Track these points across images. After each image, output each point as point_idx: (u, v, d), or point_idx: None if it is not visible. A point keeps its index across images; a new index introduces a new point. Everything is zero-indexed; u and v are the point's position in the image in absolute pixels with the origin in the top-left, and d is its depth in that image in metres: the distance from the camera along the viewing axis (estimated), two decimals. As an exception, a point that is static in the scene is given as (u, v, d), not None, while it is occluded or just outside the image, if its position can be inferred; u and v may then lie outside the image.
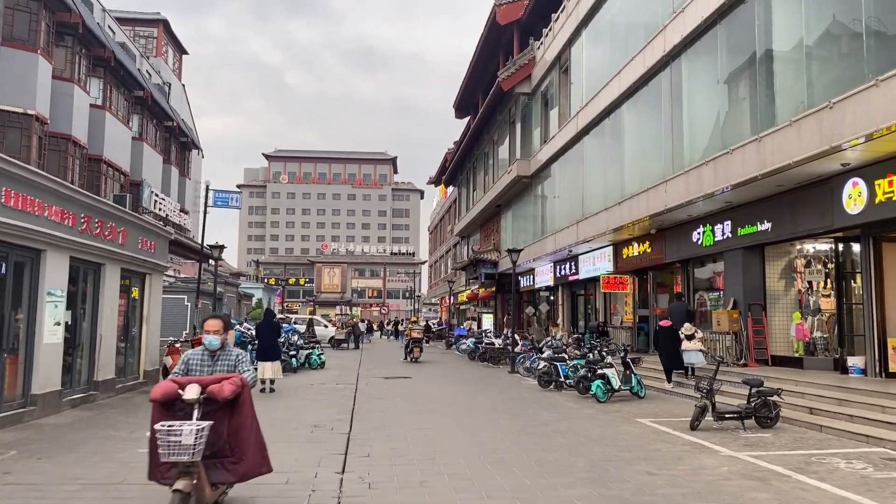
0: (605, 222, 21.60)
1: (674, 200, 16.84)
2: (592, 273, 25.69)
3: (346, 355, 29.64)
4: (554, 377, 15.12)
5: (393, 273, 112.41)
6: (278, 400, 13.39)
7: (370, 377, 18.92)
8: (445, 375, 19.62)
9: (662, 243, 20.35)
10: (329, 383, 16.83)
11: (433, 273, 74.51)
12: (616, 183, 21.69)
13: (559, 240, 26.62)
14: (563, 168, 27.45)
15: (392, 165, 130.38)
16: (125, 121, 37.48)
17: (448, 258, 59.28)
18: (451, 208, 58.46)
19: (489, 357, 23.83)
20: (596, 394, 12.99)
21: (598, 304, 27.23)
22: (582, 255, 26.47)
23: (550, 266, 30.83)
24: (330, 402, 13.13)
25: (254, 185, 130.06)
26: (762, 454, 8.15)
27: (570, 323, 30.17)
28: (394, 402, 13.19)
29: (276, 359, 14.70)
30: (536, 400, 13.63)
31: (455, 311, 55.76)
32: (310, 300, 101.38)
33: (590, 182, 24.21)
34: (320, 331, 37.87)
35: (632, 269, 22.88)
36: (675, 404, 13.13)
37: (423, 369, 22.01)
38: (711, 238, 17.40)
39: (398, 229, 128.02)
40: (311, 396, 14.04)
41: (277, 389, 14.86)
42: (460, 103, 46.53)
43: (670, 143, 17.97)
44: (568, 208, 26.40)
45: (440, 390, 15.44)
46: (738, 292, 16.47)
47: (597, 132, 23.51)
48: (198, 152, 53.78)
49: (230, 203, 23.85)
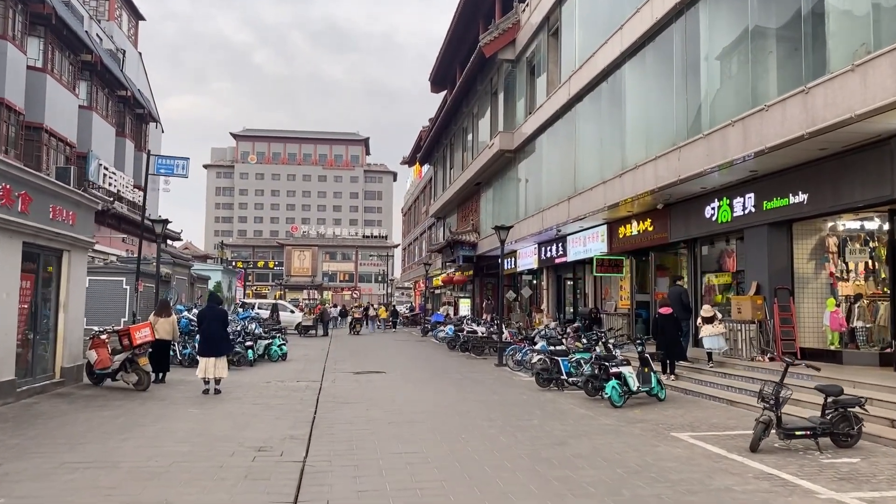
0: (603, 197, 19.33)
1: (690, 169, 14.57)
2: (583, 255, 23.47)
3: (314, 344, 27.13)
4: (554, 374, 12.83)
5: (365, 256, 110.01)
6: (221, 405, 10.90)
7: (338, 371, 16.50)
8: (425, 369, 17.25)
9: (667, 221, 18.16)
10: (289, 381, 14.36)
11: (407, 257, 72.05)
12: (615, 153, 19.41)
13: (547, 218, 24.32)
14: (551, 140, 25.10)
15: (364, 146, 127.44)
16: (70, 87, 34.19)
17: (423, 240, 56.83)
18: (426, 188, 55.93)
19: (472, 347, 21.52)
20: (611, 397, 10.74)
21: (587, 288, 25.08)
22: (571, 235, 24.23)
23: (534, 248, 28.57)
24: (286, 408, 10.68)
25: (221, 165, 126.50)
26: (874, 497, 5.93)
27: (555, 309, 27.99)
28: (365, 408, 10.79)
29: (221, 353, 12.19)
30: (538, 404, 11.33)
31: (430, 296, 53.42)
32: (279, 284, 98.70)
33: (584, 154, 21.91)
34: (286, 316, 35.30)
35: (629, 249, 20.70)
36: (704, 409, 10.94)
37: (399, 362, 19.62)
38: (729, 214, 15.20)
39: (371, 212, 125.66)
40: (264, 400, 11.57)
41: (225, 390, 12.36)
42: (436, 76, 43.82)
43: (684, 105, 15.70)
44: (557, 184, 24.09)
45: (420, 390, 13.07)
46: (761, 275, 14.35)
47: (592, 98, 21.17)
48: (156, 125, 50.44)
49: (175, 171, 21.09)
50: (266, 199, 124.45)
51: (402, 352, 23.38)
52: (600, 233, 22.12)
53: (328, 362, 19.06)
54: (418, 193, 61.31)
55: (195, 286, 23.89)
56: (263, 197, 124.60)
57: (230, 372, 13.31)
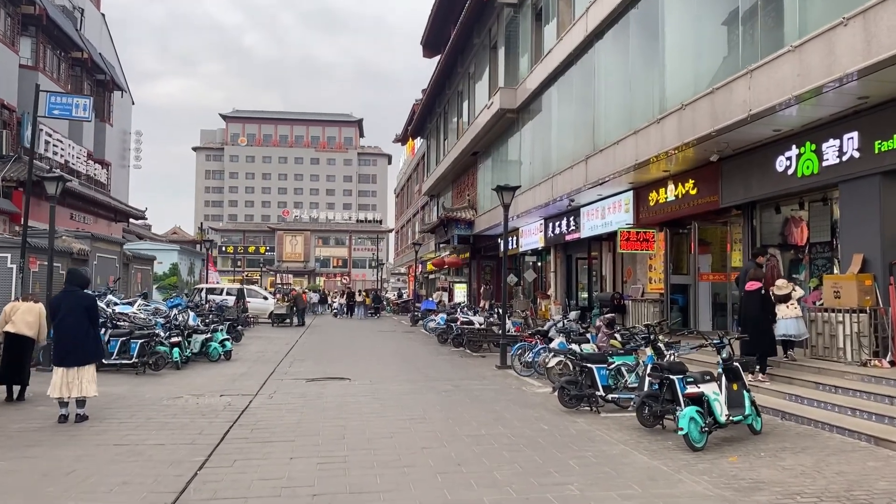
0: (634, 152, 15.17)
1: (768, 98, 10.40)
2: (601, 229, 19.38)
3: (282, 336, 23.05)
4: (586, 389, 8.72)
5: (359, 241, 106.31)
6: (65, 447, 6.82)
7: (289, 377, 12.42)
8: (403, 374, 13.14)
9: (717, 180, 14.09)
10: (209, 394, 10.26)
11: (400, 240, 67.94)
12: (650, 95, 15.27)
13: (557, 186, 20.17)
14: (563, 91, 20.91)
15: (358, 128, 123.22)
16: (8, 41, 29.83)
17: (416, 222, 52.68)
18: (418, 165, 51.67)
19: (466, 341, 17.40)
20: (688, 435, 6.63)
21: (604, 269, 21.03)
22: (587, 206, 20.12)
23: (540, 224, 24.45)
24: (161, 455, 6.60)
25: (210, 147, 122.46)
26: None
27: (564, 295, 23.91)
28: (289, 455, 6.67)
29: (85, 361, 8.10)
30: (569, 442, 7.21)
31: (423, 281, 49.35)
32: (271, 270, 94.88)
33: (606, 102, 17.74)
34: (258, 304, 31.23)
35: (662, 220, 16.64)
36: (832, 450, 6.86)
37: (373, 362, 15.53)
38: (815, 164, 11.08)
39: (365, 196, 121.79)
40: (140, 436, 7.47)
41: (101, 411, 8.31)
42: (429, 37, 39.40)
43: (753, 11, 11.53)
44: (570, 143, 19.95)
45: (389, 413, 8.94)
46: (868, 246, 10.30)
47: (617, 31, 16.99)
48: (122, 95, 46.00)
49: (74, 113, 16.87)
50: (257, 183, 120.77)
51: (383, 347, 19.28)
52: (624, 201, 18.03)
53: (283, 362, 14.98)
54: (411, 172, 57.08)
55: (131, 268, 19.75)
56: (254, 180, 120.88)
57: (130, 381, 9.30)
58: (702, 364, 11.21)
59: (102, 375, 12.06)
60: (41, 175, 12.65)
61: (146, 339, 12.54)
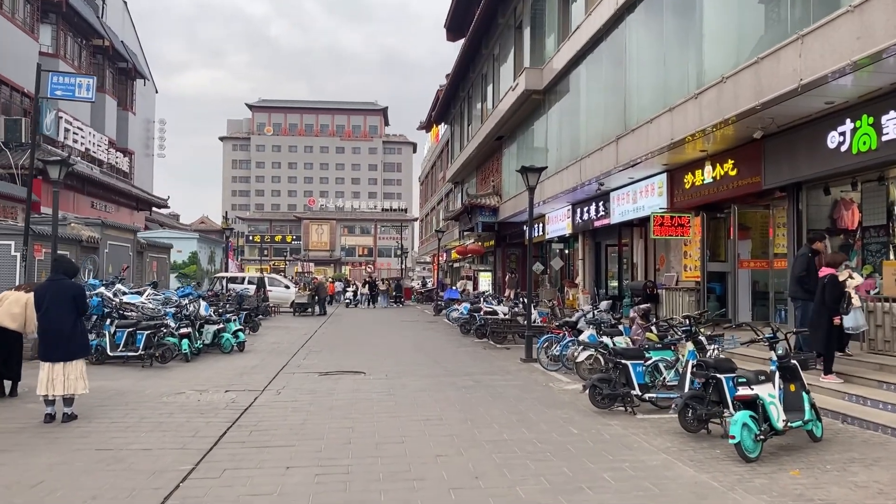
0: (669, 130, 14.17)
1: (823, 65, 9.38)
2: (632, 214, 18.40)
3: (301, 325, 22.49)
4: (620, 388, 7.86)
5: (384, 230, 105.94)
6: (40, 453, 6.19)
7: (301, 371, 11.75)
8: (422, 368, 12.38)
9: (759, 160, 13.08)
10: (214, 389, 9.61)
11: (425, 228, 67.21)
12: (686, 68, 14.27)
13: (586, 169, 19.20)
14: (592, 70, 19.90)
15: (383, 116, 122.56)
16: (27, 28, 29.53)
17: (440, 209, 51.87)
18: (443, 152, 50.78)
19: (490, 332, 16.59)
20: (741, 444, 5.76)
21: (635, 257, 20.04)
22: (617, 190, 19.14)
23: (567, 210, 23.49)
24: (144, 463, 5.92)
25: (237, 137, 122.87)
26: None
27: (593, 283, 22.96)
28: (286, 463, 5.95)
29: (71, 356, 7.46)
30: (603, 450, 6.37)
31: (448, 270, 48.62)
32: (297, 258, 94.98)
33: (638, 78, 16.73)
34: (280, 293, 30.74)
35: (698, 203, 15.66)
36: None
37: (391, 354, 14.82)
38: (873, 139, 10.02)
39: (390, 184, 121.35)
40: (127, 438, 6.82)
41: (88, 412, 7.67)
42: (453, 20, 38.39)
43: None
44: (600, 123, 18.97)
45: (403, 413, 8.17)
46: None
47: (649, 3, 15.96)
48: (144, 83, 45.76)
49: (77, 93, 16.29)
50: (283, 172, 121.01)
51: (403, 338, 18.55)
52: (657, 184, 17.04)
53: (298, 354, 14.33)
54: (435, 159, 56.22)
55: (146, 256, 19.24)
56: (280, 170, 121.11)
57: (135, 374, 8.69)
58: (745, 359, 10.28)
59: (107, 368, 11.57)
60: (43, 159, 12.08)
61: (153, 331, 11.95)
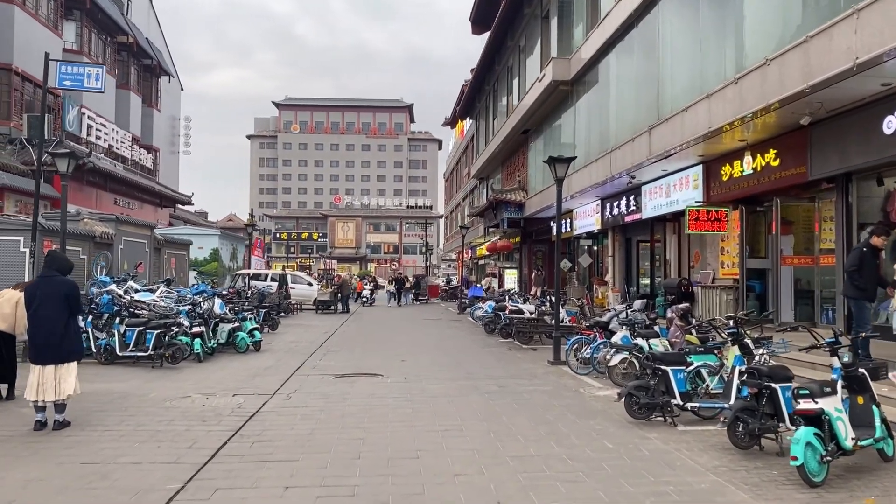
0: (706, 118, 13.32)
1: (887, 40, 8.51)
2: (665, 209, 17.54)
3: (322, 323, 21.99)
4: (659, 395, 7.12)
5: (410, 227, 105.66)
6: (20, 465, 5.67)
7: (316, 372, 11.19)
8: (443, 370, 11.72)
9: (805, 149, 12.20)
10: (222, 393, 9.06)
11: (450, 225, 66.59)
12: (725, 52, 13.42)
13: (616, 161, 18.38)
14: (622, 58, 19.06)
15: (408, 113, 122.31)
16: (52, 24, 29.46)
17: (465, 206, 51.18)
18: (467, 148, 50.07)
19: (515, 332, 15.87)
20: (806, 466, 5.01)
21: (668, 253, 19.16)
22: (649, 184, 18.29)
23: (596, 205, 22.66)
24: (139, 476, 5.38)
25: (264, 135, 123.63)
26: None
27: (623, 281, 22.12)
28: (284, 482, 5.35)
29: (63, 358, 6.94)
30: (643, 468, 5.62)
31: (473, 267, 47.93)
32: (323, 256, 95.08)
33: (672, 64, 15.89)
34: (303, 290, 30.33)
35: (737, 196, 14.79)
36: None
37: (412, 354, 14.19)
38: (936, 121, 9.14)
39: (415, 181, 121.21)
40: (119, 450, 6.25)
41: (83, 418, 7.17)
42: (478, 13, 37.62)
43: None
44: (632, 113, 18.14)
45: (420, 422, 7.50)
46: None
47: (685, -17, 15.11)
48: (169, 80, 45.74)
49: (85, 83, 15.87)
50: (309, 170, 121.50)
51: (425, 337, 17.92)
52: (692, 176, 16.17)
53: (316, 354, 13.78)
54: (460, 155, 55.53)
55: (163, 253, 18.85)
56: (307, 167, 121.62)
57: (143, 375, 8.17)
58: (794, 364, 9.44)
59: (116, 369, 11.12)
60: (52, 152, 11.66)
61: (163, 330, 11.47)
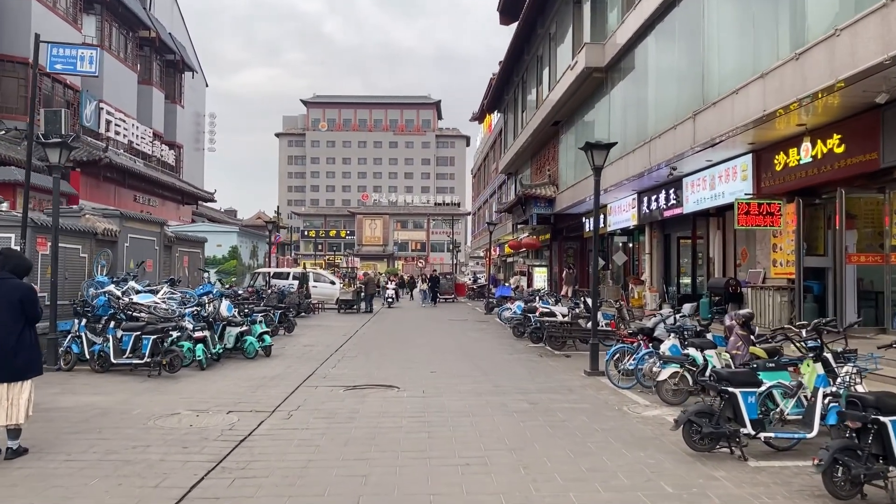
0: (760, 100, 11.94)
1: None
2: (710, 202, 16.16)
3: (343, 324, 20.99)
4: (725, 425, 5.86)
5: (437, 225, 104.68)
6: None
7: (326, 383, 10.12)
8: (466, 380, 10.55)
9: (875, 133, 10.84)
10: (215, 410, 8.01)
11: (477, 222, 65.34)
12: (781, 27, 12.01)
13: (656, 151, 17.03)
14: (662, 40, 17.69)
15: (436, 110, 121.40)
16: (70, 17, 28.93)
17: (492, 202, 49.91)
18: (495, 142, 48.78)
19: (547, 336, 14.63)
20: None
21: (711, 251, 17.77)
22: (691, 176, 16.91)
23: (632, 199, 21.30)
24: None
25: (292, 133, 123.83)
26: None
27: (661, 280, 20.74)
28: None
29: (16, 375, 5.91)
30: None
31: (501, 265, 46.66)
32: (351, 253, 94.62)
33: (719, 44, 14.52)
34: (325, 289, 29.42)
35: (792, 188, 13.40)
36: None
37: (432, 360, 13.07)
38: None
39: (442, 178, 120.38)
40: (71, 488, 5.17)
41: (48, 441, 6.17)
42: (506, 2, 36.38)
43: None
44: (673, 99, 16.77)
45: (443, 451, 6.22)
46: None
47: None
48: (192, 75, 45.20)
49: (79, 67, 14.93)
50: (337, 167, 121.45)
51: (448, 340, 16.76)
52: (741, 167, 14.79)
53: (330, 360, 12.71)
54: (487, 150, 54.26)
55: (175, 251, 17.97)
56: (335, 165, 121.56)
57: (135, 387, 7.15)
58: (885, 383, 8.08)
59: (109, 378, 10.15)
60: (42, 141, 10.75)
61: (160, 335, 10.49)
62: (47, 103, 26.49)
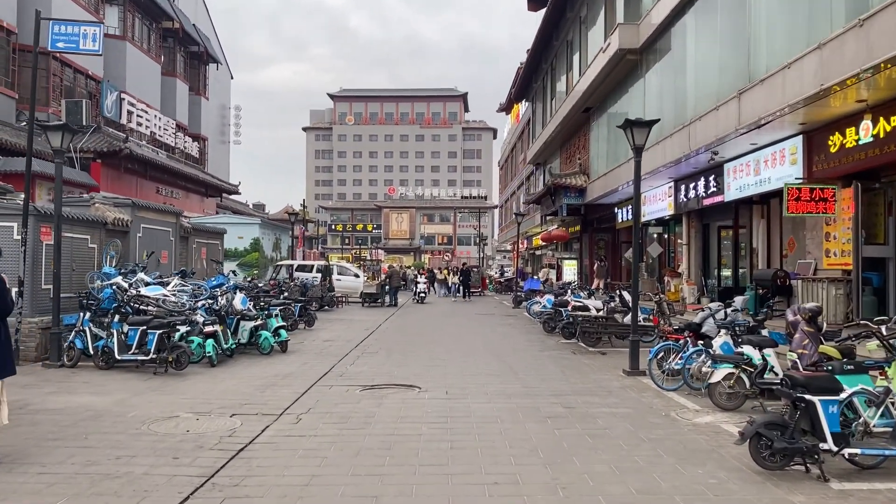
0: (816, 74, 10.88)
1: None
2: (754, 189, 15.09)
3: (366, 318, 20.30)
4: (799, 436, 4.96)
5: (464, 218, 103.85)
6: None
7: (342, 381, 9.38)
8: (495, 379, 9.75)
9: (948, 108, 9.70)
10: (214, 413, 7.31)
11: (504, 215, 64.38)
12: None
13: (695, 135, 15.98)
14: (702, 17, 16.61)
15: (463, 102, 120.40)
16: (92, 8, 28.57)
17: (520, 194, 48.90)
18: (523, 133, 47.70)
19: (580, 332, 13.71)
20: None
21: (755, 241, 16.67)
22: (733, 161, 15.84)
23: (668, 187, 20.24)
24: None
25: (319, 127, 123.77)
26: None
27: (699, 272, 19.67)
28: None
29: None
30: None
31: (528, 258, 45.66)
32: (378, 247, 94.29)
33: (767, 14, 13.44)
34: (350, 282, 28.79)
35: (849, 171, 12.31)
36: None
37: (457, 356, 12.28)
38: None
39: (469, 171, 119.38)
40: None
41: (27, 448, 5.55)
42: (535, -14, 35.29)
43: None
44: (714, 78, 15.71)
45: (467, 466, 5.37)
46: None
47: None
48: (217, 67, 44.83)
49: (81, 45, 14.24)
50: (364, 161, 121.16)
51: (475, 335, 15.95)
52: (789, 150, 13.69)
53: (349, 356, 11.98)
54: (515, 141, 53.19)
55: (192, 242, 17.39)
56: (361, 158, 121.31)
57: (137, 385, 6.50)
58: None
59: (112, 375, 9.54)
60: (42, 125, 10.14)
61: (166, 330, 9.84)
62: (69, 94, 26.18)
